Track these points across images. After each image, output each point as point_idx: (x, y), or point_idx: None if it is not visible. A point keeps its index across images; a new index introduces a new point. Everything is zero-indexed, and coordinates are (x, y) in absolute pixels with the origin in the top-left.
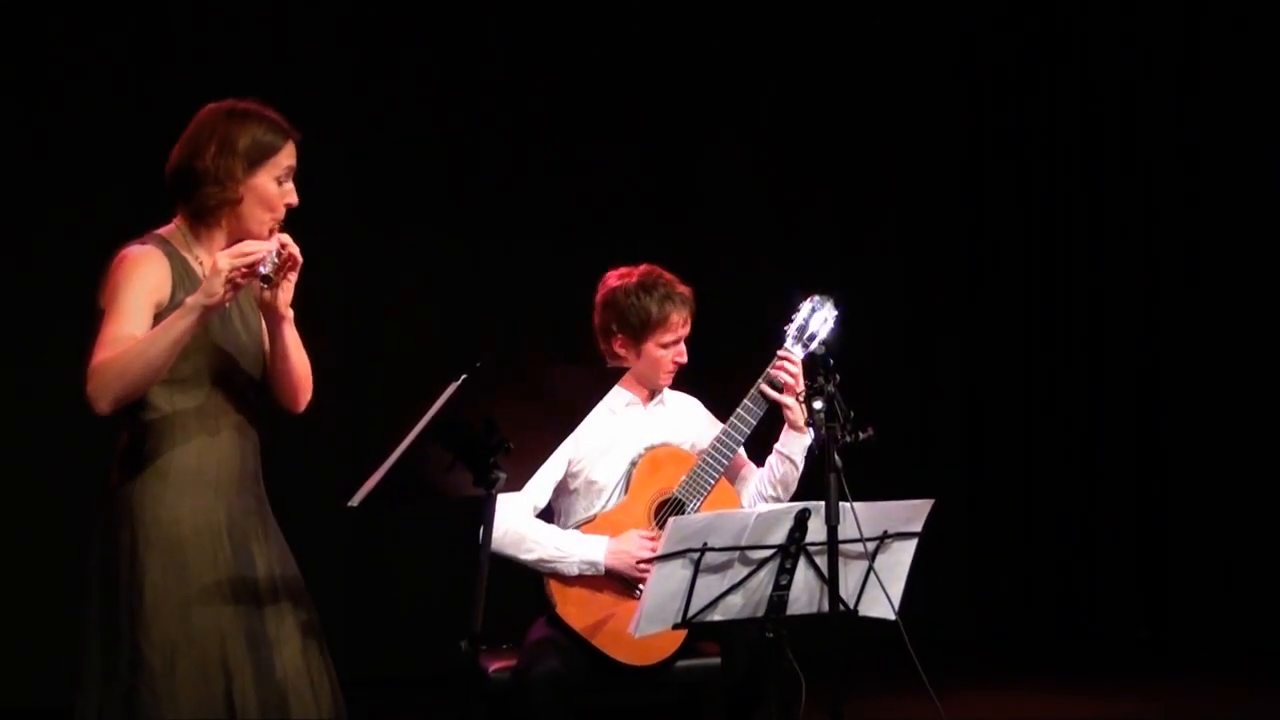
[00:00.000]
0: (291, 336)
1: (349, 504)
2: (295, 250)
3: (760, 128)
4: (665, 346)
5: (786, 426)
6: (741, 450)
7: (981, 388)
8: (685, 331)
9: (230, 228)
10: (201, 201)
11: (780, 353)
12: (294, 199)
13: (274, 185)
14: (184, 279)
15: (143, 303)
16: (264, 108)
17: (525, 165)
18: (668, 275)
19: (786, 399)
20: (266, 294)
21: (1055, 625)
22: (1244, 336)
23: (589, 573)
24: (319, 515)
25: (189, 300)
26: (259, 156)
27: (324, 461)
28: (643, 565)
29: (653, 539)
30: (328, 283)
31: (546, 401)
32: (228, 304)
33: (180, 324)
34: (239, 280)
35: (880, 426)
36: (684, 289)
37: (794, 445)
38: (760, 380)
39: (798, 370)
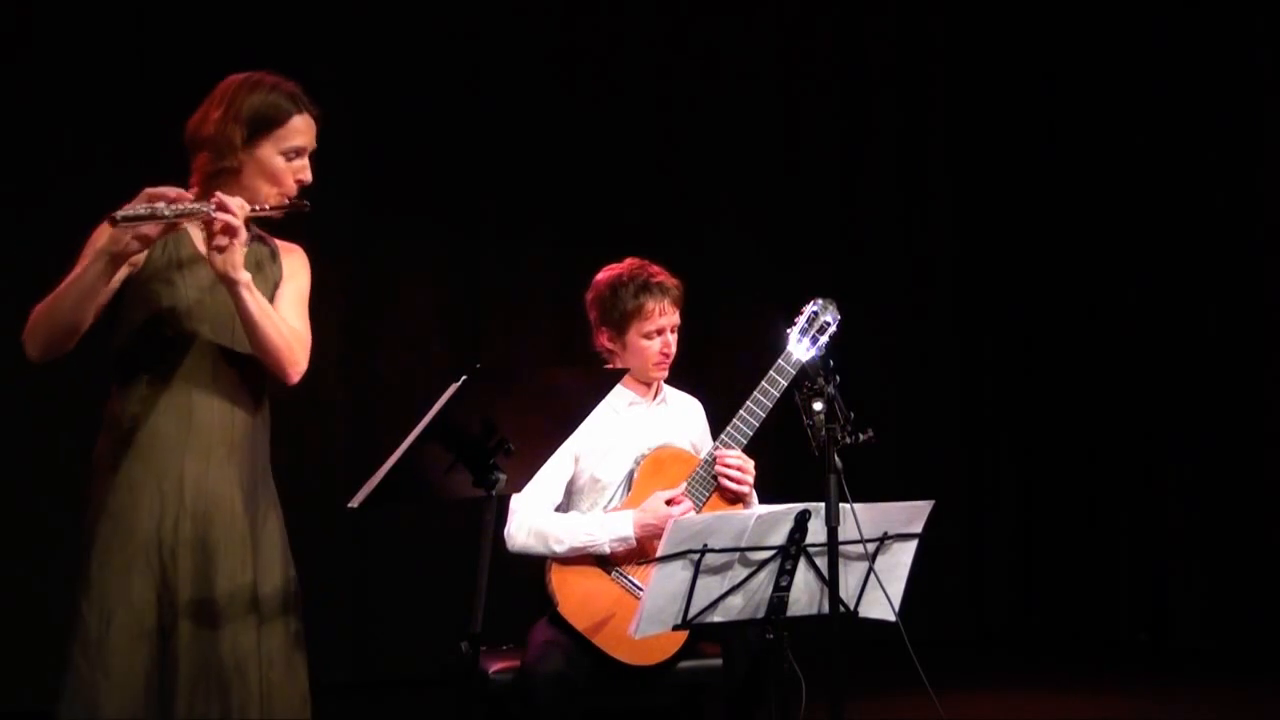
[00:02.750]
0: (252, 303)
1: (349, 505)
2: (229, 219)
3: (764, 129)
4: (648, 337)
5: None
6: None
7: (981, 388)
8: (667, 321)
9: (239, 195)
10: (202, 167)
11: (718, 453)
12: (306, 176)
13: (279, 159)
14: (169, 242)
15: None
16: (282, 80)
17: (527, 165)
18: (652, 268)
19: (728, 484)
20: (216, 259)
21: (1055, 625)
22: (1245, 337)
23: (620, 549)
24: (319, 517)
25: (98, 247)
26: (262, 126)
27: (324, 463)
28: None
29: (676, 499)
30: (327, 283)
31: (546, 403)
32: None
33: (88, 271)
34: (143, 232)
35: (880, 428)
36: (666, 279)
37: None
38: (764, 381)
39: (748, 468)
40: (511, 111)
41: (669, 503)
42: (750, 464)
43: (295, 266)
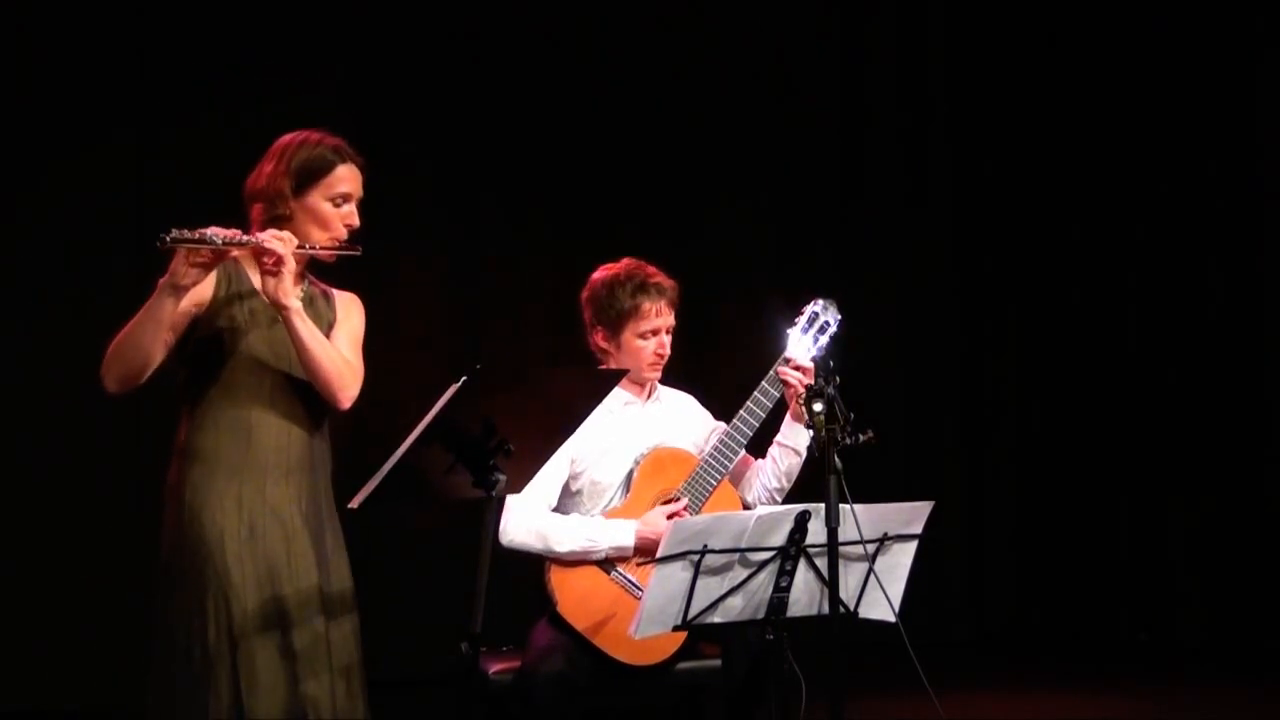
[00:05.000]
0: (302, 328)
1: (349, 506)
2: (276, 248)
3: (762, 129)
4: (643, 337)
5: (789, 417)
6: (744, 450)
7: (981, 388)
8: (663, 322)
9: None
10: (257, 218)
11: (788, 354)
12: (354, 221)
13: (327, 206)
14: (232, 280)
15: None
16: (328, 135)
17: (526, 165)
18: (648, 268)
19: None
20: (268, 285)
21: (1055, 625)
22: (1247, 335)
23: (616, 556)
24: None
25: (160, 281)
26: (309, 176)
27: None
28: None
29: (677, 513)
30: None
31: (546, 403)
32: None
33: (155, 304)
34: (198, 260)
35: (880, 428)
36: (662, 280)
37: (799, 437)
38: (765, 381)
39: (809, 368)
40: (511, 111)
41: (669, 518)
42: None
43: (350, 310)
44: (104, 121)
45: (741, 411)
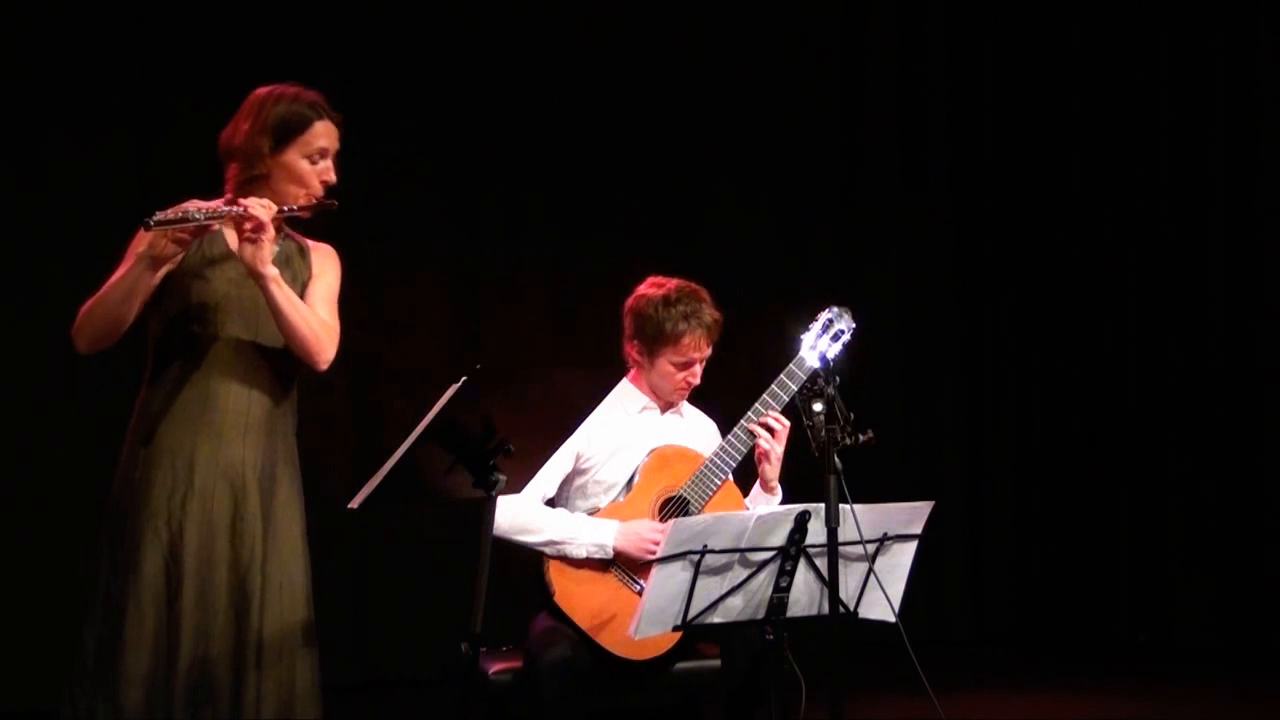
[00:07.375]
0: (279, 294)
1: (349, 506)
2: (256, 215)
3: (764, 127)
4: (676, 366)
5: (758, 482)
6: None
7: (981, 389)
8: (700, 355)
9: (271, 200)
10: (234, 176)
11: (757, 411)
12: (330, 176)
13: (304, 163)
14: (205, 241)
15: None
16: (303, 90)
17: (530, 166)
18: (701, 295)
19: (764, 448)
20: (246, 252)
21: (1055, 625)
22: (1247, 334)
23: (597, 555)
24: (318, 517)
25: (138, 252)
26: (286, 133)
27: (323, 463)
28: (651, 549)
29: (662, 531)
30: None
31: (546, 403)
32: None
33: (130, 273)
34: (179, 235)
35: (880, 428)
36: (711, 313)
37: (760, 504)
38: (750, 413)
39: (780, 430)
40: (512, 110)
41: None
42: (784, 429)
43: (326, 264)
44: (103, 122)
45: (749, 413)
